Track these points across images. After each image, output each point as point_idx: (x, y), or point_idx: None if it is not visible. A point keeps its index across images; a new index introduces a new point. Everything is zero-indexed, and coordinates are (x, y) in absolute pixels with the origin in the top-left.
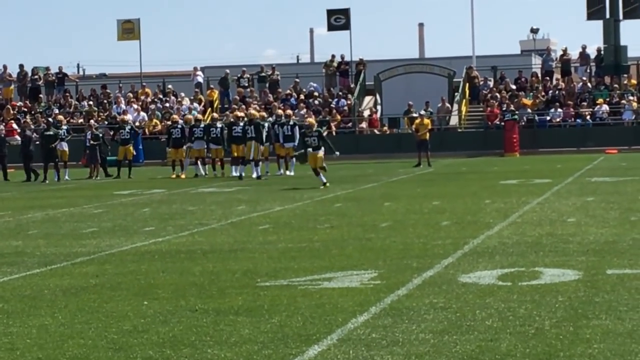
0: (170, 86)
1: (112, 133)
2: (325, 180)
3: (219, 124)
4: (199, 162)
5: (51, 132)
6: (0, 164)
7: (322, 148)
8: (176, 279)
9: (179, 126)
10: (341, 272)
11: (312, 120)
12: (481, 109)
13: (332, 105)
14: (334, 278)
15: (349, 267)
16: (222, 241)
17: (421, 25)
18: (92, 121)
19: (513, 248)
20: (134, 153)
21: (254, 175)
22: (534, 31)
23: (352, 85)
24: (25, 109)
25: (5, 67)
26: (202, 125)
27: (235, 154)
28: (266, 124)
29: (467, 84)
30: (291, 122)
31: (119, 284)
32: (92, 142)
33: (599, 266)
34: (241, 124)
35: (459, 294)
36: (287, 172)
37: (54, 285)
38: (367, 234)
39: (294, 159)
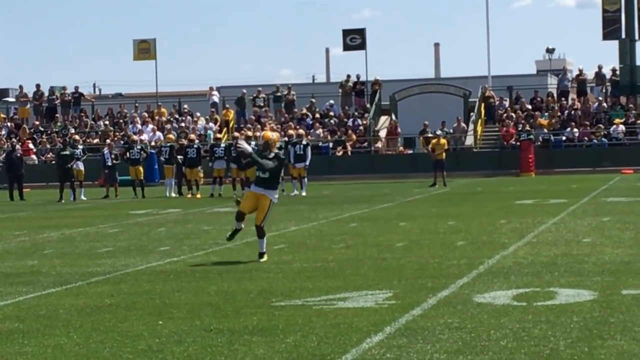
0: (186, 106)
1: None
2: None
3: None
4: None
5: (67, 152)
6: (16, 183)
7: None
8: (191, 299)
9: (195, 146)
10: (356, 292)
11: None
12: (497, 129)
13: (347, 124)
14: (349, 298)
15: (364, 287)
16: (237, 261)
17: (437, 45)
18: (108, 140)
19: (528, 268)
20: (143, 173)
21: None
22: (550, 51)
23: (368, 105)
24: (42, 129)
25: (21, 87)
26: (222, 144)
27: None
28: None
29: (483, 104)
30: (304, 142)
31: (134, 304)
32: (114, 161)
33: (614, 286)
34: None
35: (473, 314)
36: (302, 193)
37: (69, 304)
38: (382, 254)
39: (306, 179)
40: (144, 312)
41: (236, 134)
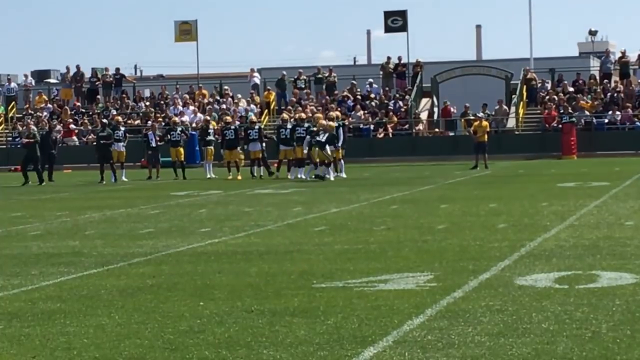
0: (226, 87)
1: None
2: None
3: (289, 125)
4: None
5: (105, 133)
6: (48, 164)
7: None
8: (232, 280)
9: (233, 127)
10: (397, 274)
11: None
12: (538, 112)
13: (388, 107)
14: (389, 280)
15: (405, 269)
16: (278, 242)
17: (478, 27)
18: (150, 122)
19: (570, 251)
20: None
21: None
22: (593, 33)
23: (409, 87)
24: (83, 110)
25: (68, 68)
26: (257, 127)
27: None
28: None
29: (525, 86)
30: (335, 124)
31: (175, 285)
32: (157, 143)
33: None
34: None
35: (515, 297)
36: (341, 174)
37: (110, 285)
38: (423, 236)
39: (342, 161)
40: (185, 293)
41: (285, 115)
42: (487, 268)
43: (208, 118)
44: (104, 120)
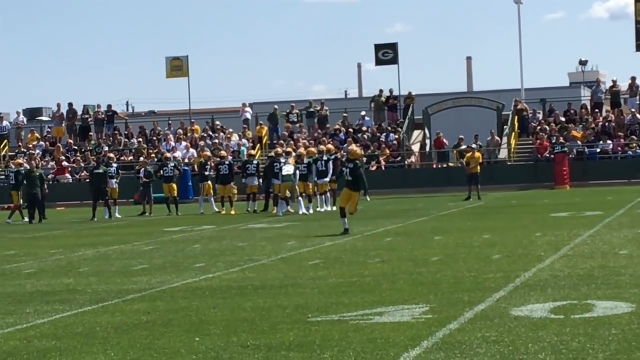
0: (218, 122)
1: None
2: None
3: (282, 159)
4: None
5: (101, 170)
6: (40, 204)
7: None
8: (227, 315)
9: (227, 162)
10: (393, 306)
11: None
12: (531, 142)
13: (381, 139)
14: (385, 313)
15: (400, 302)
16: (273, 277)
17: (469, 58)
18: (142, 158)
19: (565, 281)
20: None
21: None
22: (583, 63)
23: (401, 120)
24: (75, 147)
25: (59, 106)
26: (255, 161)
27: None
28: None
29: (516, 117)
30: (325, 158)
31: (171, 321)
32: (144, 179)
33: None
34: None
35: (511, 328)
36: (333, 208)
37: (105, 322)
38: (418, 268)
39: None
40: (180, 329)
41: (279, 149)
42: (483, 299)
43: (208, 154)
44: (100, 157)
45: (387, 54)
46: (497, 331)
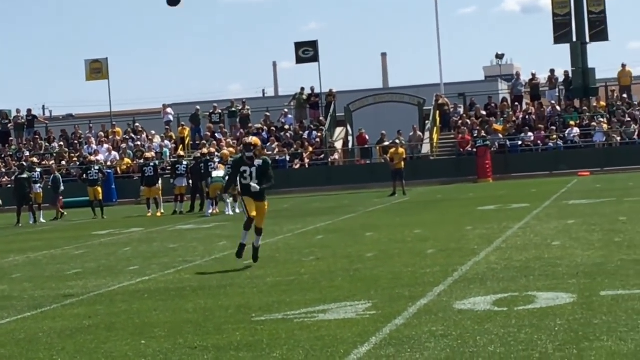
0: (138, 124)
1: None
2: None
3: (216, 159)
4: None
5: (25, 176)
6: None
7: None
8: (170, 317)
9: (152, 164)
10: (335, 303)
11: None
12: (452, 136)
13: (303, 137)
14: (328, 310)
15: (341, 299)
16: (210, 277)
17: (384, 54)
18: (52, 164)
19: (503, 273)
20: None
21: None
22: (499, 57)
23: (323, 117)
24: None
25: None
26: (184, 162)
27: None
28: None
29: (438, 112)
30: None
31: (114, 324)
32: (49, 184)
33: (591, 288)
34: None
35: (457, 321)
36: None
37: (47, 327)
38: (354, 265)
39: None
40: (125, 332)
41: (212, 149)
42: (423, 294)
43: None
44: (24, 163)
45: (307, 51)
46: (443, 325)
